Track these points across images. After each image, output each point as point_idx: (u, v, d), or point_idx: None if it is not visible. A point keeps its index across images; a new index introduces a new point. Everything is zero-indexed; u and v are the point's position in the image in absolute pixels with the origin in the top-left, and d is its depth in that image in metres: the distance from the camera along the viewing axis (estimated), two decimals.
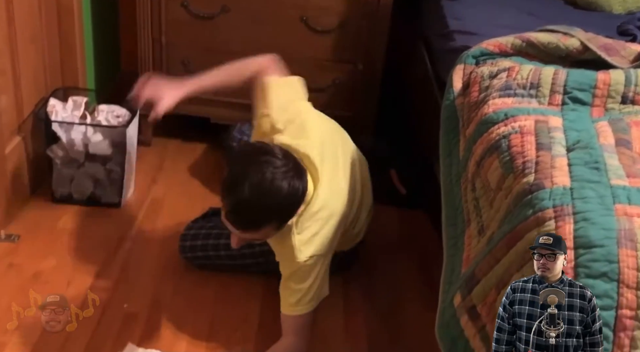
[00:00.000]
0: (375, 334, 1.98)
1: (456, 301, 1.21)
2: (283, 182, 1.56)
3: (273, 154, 1.60)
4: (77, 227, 2.26)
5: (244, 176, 1.55)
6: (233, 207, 1.56)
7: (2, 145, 2.09)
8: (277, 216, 1.60)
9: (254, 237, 1.66)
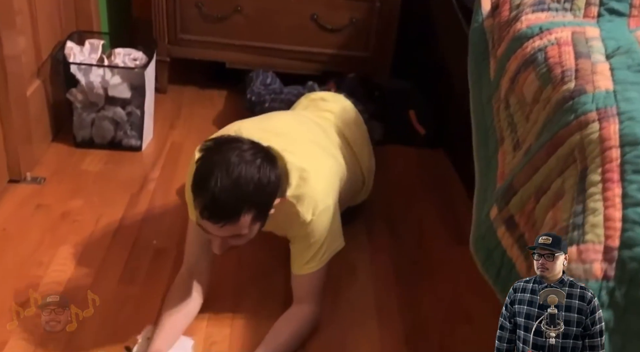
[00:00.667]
0: (401, 266, 2.00)
1: (492, 214, 1.22)
2: (253, 162, 1.45)
3: (238, 140, 1.50)
4: (101, 169, 2.27)
5: (211, 167, 1.43)
6: (207, 202, 1.42)
7: (24, 88, 2.08)
8: (253, 198, 1.45)
9: (235, 233, 1.49)
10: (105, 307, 1.71)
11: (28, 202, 2.06)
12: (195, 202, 1.45)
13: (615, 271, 0.94)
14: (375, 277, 1.95)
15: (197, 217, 1.47)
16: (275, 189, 1.51)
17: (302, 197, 1.59)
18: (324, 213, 1.63)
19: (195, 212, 1.47)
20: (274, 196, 1.52)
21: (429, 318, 1.81)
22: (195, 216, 1.50)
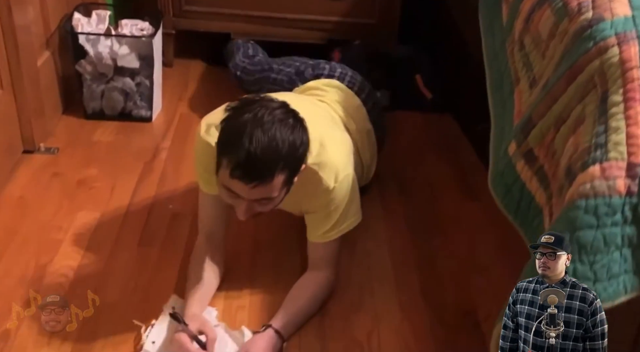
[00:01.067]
0: (414, 223, 2.02)
1: (511, 150, 1.24)
2: (286, 122, 1.42)
3: (268, 99, 1.47)
4: (112, 140, 2.29)
5: (243, 125, 1.39)
6: (241, 160, 1.37)
7: (34, 58, 2.09)
8: (288, 159, 1.42)
9: (264, 195, 1.44)
10: (127, 269, 1.74)
11: (44, 171, 2.08)
12: (225, 161, 1.40)
13: (638, 186, 0.96)
14: (389, 236, 1.97)
15: (226, 178, 1.41)
16: (306, 151, 1.48)
17: (323, 164, 1.56)
18: (345, 180, 1.61)
19: (224, 172, 1.41)
20: (304, 159, 1.48)
21: (444, 271, 1.84)
22: (221, 179, 1.44)
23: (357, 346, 1.58)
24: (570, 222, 0.97)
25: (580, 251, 0.97)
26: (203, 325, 1.51)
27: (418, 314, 1.68)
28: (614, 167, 0.96)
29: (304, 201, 1.64)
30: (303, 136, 1.46)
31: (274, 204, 1.50)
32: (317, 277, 1.67)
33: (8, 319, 1.55)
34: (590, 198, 0.96)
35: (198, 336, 1.47)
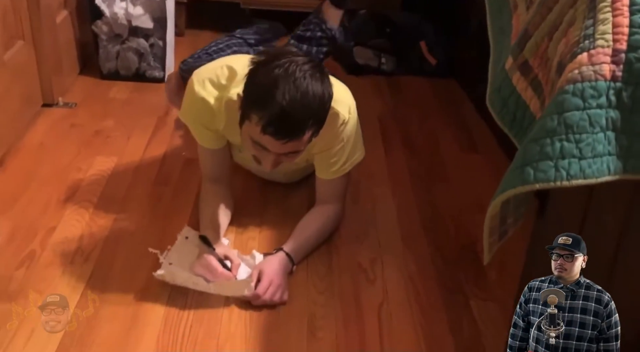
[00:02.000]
0: (416, 168, 2.11)
1: (507, 64, 1.31)
2: (315, 76, 1.44)
3: (292, 53, 1.48)
4: (127, 97, 2.39)
5: (274, 80, 1.40)
6: (274, 117, 1.39)
7: (53, 15, 2.19)
8: (318, 113, 1.46)
9: (294, 149, 1.48)
10: (143, 204, 1.83)
11: (62, 122, 2.18)
12: (256, 117, 1.42)
13: (622, 72, 1.03)
14: (392, 181, 2.05)
15: (256, 133, 1.44)
16: (331, 102, 1.50)
17: (336, 99, 1.57)
18: (354, 112, 1.68)
19: (254, 128, 1.43)
20: (331, 101, 1.51)
21: (444, 210, 1.92)
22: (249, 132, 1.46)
23: (361, 271, 1.66)
24: (558, 105, 1.05)
25: (567, 131, 1.04)
26: (227, 251, 1.59)
27: (419, 246, 1.76)
28: (600, 53, 1.04)
29: (317, 138, 1.59)
30: (330, 89, 1.49)
31: (299, 156, 1.55)
32: (326, 210, 1.75)
33: (33, 241, 1.64)
34: (578, 82, 1.04)
35: (223, 260, 1.56)
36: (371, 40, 2.74)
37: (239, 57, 1.72)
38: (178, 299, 1.51)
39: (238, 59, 1.67)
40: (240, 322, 1.47)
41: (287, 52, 1.50)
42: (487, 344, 1.46)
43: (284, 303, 1.53)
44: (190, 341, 1.41)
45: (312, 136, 1.51)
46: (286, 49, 1.59)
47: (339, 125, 1.64)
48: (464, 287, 1.62)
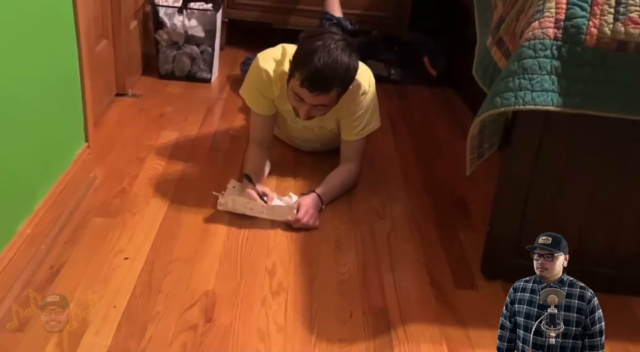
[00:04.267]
0: (418, 148, 2.58)
1: (488, 42, 1.80)
2: (345, 50, 1.96)
3: (332, 32, 2.07)
4: (182, 92, 2.88)
5: (315, 48, 1.93)
6: (309, 74, 1.92)
7: (128, 23, 2.71)
8: (343, 78, 1.98)
9: (322, 102, 2.00)
10: (202, 163, 2.30)
11: (132, 107, 2.67)
12: (298, 74, 1.96)
13: (561, 34, 1.51)
14: (399, 155, 2.52)
15: (296, 86, 1.96)
16: (355, 74, 2.04)
17: (360, 73, 2.09)
18: (372, 87, 2.19)
19: (295, 82, 1.97)
20: (353, 80, 2.05)
21: (441, 174, 2.39)
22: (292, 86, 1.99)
23: (374, 212, 2.12)
24: (518, 55, 1.53)
25: (524, 72, 1.52)
26: (265, 189, 2.07)
27: (419, 198, 2.22)
28: (547, 21, 1.52)
29: (343, 104, 2.12)
30: (355, 63, 2.04)
31: (326, 110, 2.09)
32: (349, 167, 2.23)
33: (122, 182, 2.11)
34: (532, 40, 1.52)
35: (262, 195, 2.03)
36: (382, 55, 3.25)
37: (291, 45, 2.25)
38: (235, 222, 1.97)
39: (289, 45, 2.20)
40: (283, 238, 1.93)
41: (327, 31, 2.08)
42: (469, 258, 1.91)
43: (316, 228, 1.99)
44: (247, 248, 1.87)
45: (338, 96, 2.03)
46: (328, 29, 2.10)
47: (360, 94, 2.14)
48: (454, 223, 2.09)
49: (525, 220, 1.75)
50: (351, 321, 1.63)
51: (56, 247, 1.77)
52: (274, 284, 1.74)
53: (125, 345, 1.48)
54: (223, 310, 1.62)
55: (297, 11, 3.33)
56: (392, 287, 1.76)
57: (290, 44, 2.23)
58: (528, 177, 1.70)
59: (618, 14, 1.51)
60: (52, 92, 1.83)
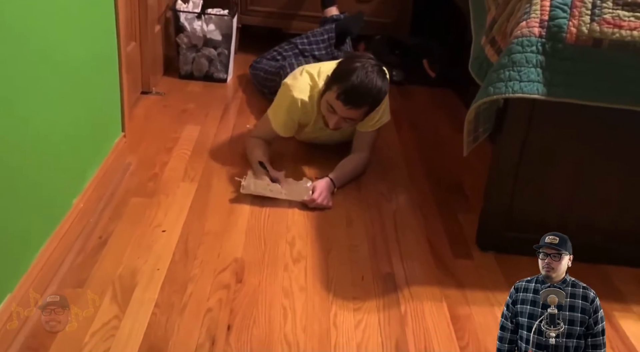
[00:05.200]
0: (420, 141, 2.82)
1: (482, 41, 2.04)
2: (379, 73, 2.27)
3: (367, 57, 2.34)
4: (201, 90, 3.12)
5: (353, 67, 2.24)
6: (346, 89, 2.21)
7: (153, 28, 2.95)
8: (374, 98, 2.26)
9: (352, 116, 2.29)
10: (224, 152, 2.53)
11: (157, 104, 2.91)
12: (335, 87, 2.24)
13: (545, 32, 1.75)
14: (402, 147, 2.76)
15: (331, 98, 2.24)
16: (385, 96, 2.34)
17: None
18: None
19: (331, 94, 2.25)
20: (382, 100, 2.34)
21: (439, 165, 2.62)
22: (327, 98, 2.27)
23: (381, 195, 2.36)
24: (508, 51, 1.77)
25: (513, 65, 1.76)
26: (276, 174, 2.30)
27: (422, 184, 2.46)
28: (533, 21, 1.76)
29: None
30: (386, 87, 2.33)
31: (353, 124, 2.38)
32: (359, 156, 2.47)
33: (154, 168, 2.34)
34: (520, 37, 1.76)
35: (274, 181, 2.26)
36: (385, 58, 3.48)
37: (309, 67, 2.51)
38: (257, 203, 2.21)
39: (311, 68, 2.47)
40: (300, 216, 2.17)
41: (365, 56, 2.36)
42: (466, 233, 2.15)
43: (330, 208, 2.23)
44: (269, 224, 2.11)
45: (366, 113, 2.32)
46: (365, 53, 2.43)
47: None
48: (452, 205, 2.32)
49: (515, 198, 1.99)
50: (363, 283, 1.87)
51: (102, 221, 2.01)
52: (294, 253, 1.97)
53: (170, 299, 1.71)
54: (251, 273, 1.85)
55: (300, 17, 3.58)
56: (398, 256, 2.00)
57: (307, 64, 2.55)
58: (517, 159, 1.94)
59: (594, 16, 1.76)
60: (97, 87, 2.07)
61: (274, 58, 3.07)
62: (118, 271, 1.80)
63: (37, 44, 1.60)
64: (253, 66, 3.15)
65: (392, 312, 1.75)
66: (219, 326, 1.64)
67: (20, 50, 1.51)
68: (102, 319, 1.62)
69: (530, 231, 1.99)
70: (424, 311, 1.77)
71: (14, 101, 1.50)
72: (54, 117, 1.74)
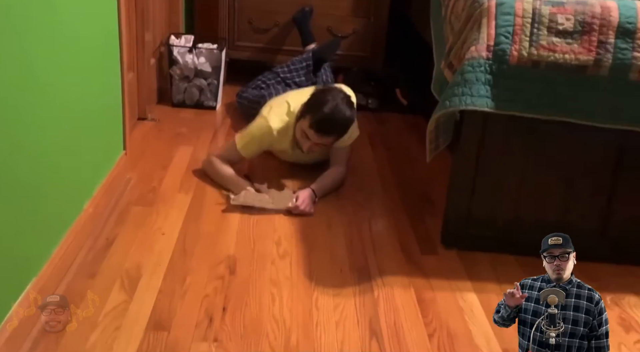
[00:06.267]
0: (392, 160, 3.11)
1: (442, 65, 2.35)
2: (347, 105, 2.60)
3: (338, 90, 2.68)
4: (192, 117, 3.41)
5: (325, 100, 2.56)
6: (318, 120, 2.53)
7: (148, 61, 3.24)
8: (343, 128, 2.60)
9: (324, 142, 2.60)
10: None
11: (153, 128, 3.19)
12: (309, 117, 2.56)
13: (492, 55, 2.06)
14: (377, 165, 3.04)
15: (305, 126, 2.56)
16: (352, 124, 2.67)
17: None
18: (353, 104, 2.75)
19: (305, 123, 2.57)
20: (349, 127, 2.67)
21: (411, 179, 2.91)
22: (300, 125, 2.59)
23: (357, 204, 2.63)
24: (461, 71, 2.07)
25: (465, 83, 2.06)
26: (259, 187, 2.58)
27: (393, 194, 2.75)
28: (481, 46, 2.07)
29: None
30: (353, 116, 2.65)
31: (325, 149, 2.70)
32: (337, 170, 2.76)
33: (152, 182, 2.60)
34: (470, 59, 2.07)
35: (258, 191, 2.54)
36: (361, 87, 3.81)
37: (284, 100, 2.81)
38: (246, 211, 2.47)
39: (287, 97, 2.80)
40: (286, 221, 2.44)
41: (335, 88, 2.69)
42: (432, 234, 2.42)
43: (312, 215, 2.50)
44: (257, 227, 2.37)
45: (336, 139, 2.65)
46: (335, 87, 2.75)
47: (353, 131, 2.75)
48: (420, 211, 2.60)
49: (474, 199, 2.27)
50: (341, 274, 2.13)
51: (108, 225, 2.26)
52: (281, 250, 2.23)
53: (172, 287, 1.96)
54: (243, 267, 2.11)
55: (283, 51, 3.90)
56: (372, 253, 2.27)
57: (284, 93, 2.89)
58: (473, 165, 2.23)
59: (532, 41, 2.08)
60: (104, 109, 2.34)
61: (258, 87, 3.37)
62: (125, 265, 2.05)
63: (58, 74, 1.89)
64: (239, 95, 3.44)
65: (367, 297, 2.01)
66: (215, 308, 1.89)
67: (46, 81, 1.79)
68: (113, 303, 1.86)
69: (487, 229, 2.32)
70: (394, 295, 2.03)
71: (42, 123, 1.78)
72: (70, 134, 2.02)
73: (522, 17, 2.09)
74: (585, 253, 2.21)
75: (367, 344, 1.81)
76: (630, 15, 2.05)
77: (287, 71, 3.39)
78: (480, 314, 1.96)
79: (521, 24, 2.09)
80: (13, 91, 1.61)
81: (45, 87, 1.83)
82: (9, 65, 1.58)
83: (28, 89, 1.70)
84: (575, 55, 2.06)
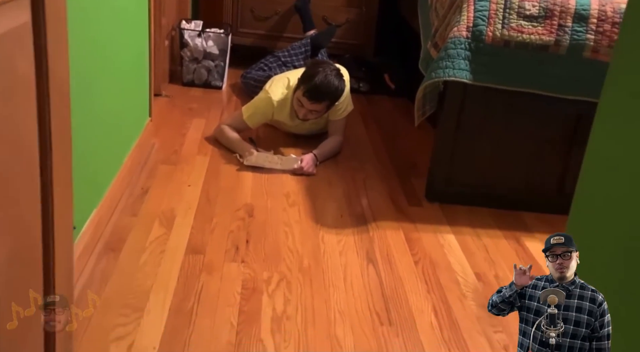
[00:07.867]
0: (384, 133, 3.51)
1: (429, 46, 2.74)
2: (337, 76, 3.00)
3: (328, 63, 3.11)
4: (201, 95, 3.77)
5: (316, 71, 2.97)
6: (310, 88, 2.93)
7: (163, 42, 3.60)
8: (334, 96, 3.00)
9: (316, 109, 2.99)
10: None
11: (168, 104, 3.55)
12: (302, 86, 2.96)
13: (470, 35, 2.46)
14: (370, 139, 3.44)
15: (300, 95, 2.97)
16: (342, 94, 3.05)
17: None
18: (347, 81, 3.14)
19: (300, 92, 2.97)
20: (340, 97, 3.05)
21: (401, 149, 3.30)
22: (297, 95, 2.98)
23: (353, 168, 3.02)
24: (445, 47, 2.46)
25: (448, 57, 2.45)
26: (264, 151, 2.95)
27: (385, 162, 3.14)
28: (462, 26, 2.46)
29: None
30: (343, 86, 3.05)
31: (319, 115, 3.08)
32: (335, 139, 3.15)
33: (174, 146, 2.97)
34: (453, 38, 2.46)
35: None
36: (353, 72, 4.19)
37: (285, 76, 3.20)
38: (258, 170, 2.84)
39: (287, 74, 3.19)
40: (292, 179, 2.82)
41: (326, 62, 3.10)
42: (418, 191, 2.81)
43: (314, 174, 2.88)
44: (268, 183, 2.75)
45: (328, 106, 3.02)
46: (326, 60, 3.11)
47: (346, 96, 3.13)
48: (408, 175, 3.00)
49: (454, 161, 2.67)
50: (342, 219, 2.51)
51: (142, 178, 2.62)
52: (290, 200, 2.61)
53: (202, 225, 2.33)
54: (259, 212, 2.48)
55: (284, 38, 4.28)
56: (367, 204, 2.66)
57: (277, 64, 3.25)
58: (454, 130, 2.63)
59: (504, 24, 2.48)
60: (135, 80, 2.70)
61: (262, 69, 3.75)
62: (160, 208, 2.42)
63: (117, 46, 2.25)
64: (244, 76, 3.81)
65: (363, 235, 2.41)
66: (240, 240, 2.27)
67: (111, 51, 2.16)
68: (155, 234, 2.23)
69: (465, 187, 2.72)
70: (386, 235, 2.42)
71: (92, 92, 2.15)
72: (118, 98, 2.38)
73: (496, 3, 2.50)
74: (546, 207, 2.67)
75: (365, 268, 2.20)
76: (584, 3, 2.46)
77: (288, 55, 3.78)
78: (457, 249, 2.37)
79: (495, 9, 2.49)
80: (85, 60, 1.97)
81: (110, 57, 2.19)
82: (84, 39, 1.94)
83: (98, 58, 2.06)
84: (539, 36, 2.46)
